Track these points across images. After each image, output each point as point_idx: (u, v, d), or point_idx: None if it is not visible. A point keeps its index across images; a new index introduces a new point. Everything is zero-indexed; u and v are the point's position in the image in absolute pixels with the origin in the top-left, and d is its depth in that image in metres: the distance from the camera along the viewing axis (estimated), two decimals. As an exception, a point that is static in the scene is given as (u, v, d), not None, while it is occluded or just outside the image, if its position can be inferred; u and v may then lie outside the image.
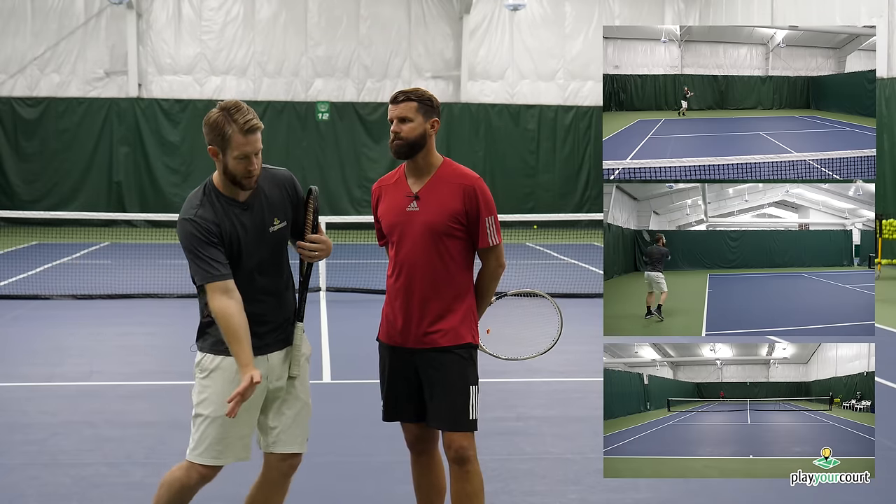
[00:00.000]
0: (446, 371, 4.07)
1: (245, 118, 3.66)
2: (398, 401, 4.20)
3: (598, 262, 16.07)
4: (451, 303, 4.10)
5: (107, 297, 12.53)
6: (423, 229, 4.06)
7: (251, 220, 3.82)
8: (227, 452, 3.85)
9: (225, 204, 3.79)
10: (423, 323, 4.09)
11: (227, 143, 3.67)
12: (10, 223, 22.53)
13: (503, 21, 25.27)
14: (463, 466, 4.06)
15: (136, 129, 24.11)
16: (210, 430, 3.81)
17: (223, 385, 3.80)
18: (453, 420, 4.06)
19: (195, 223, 3.72)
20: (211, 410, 3.81)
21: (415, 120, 4.05)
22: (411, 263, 4.09)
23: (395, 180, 4.22)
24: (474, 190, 4.07)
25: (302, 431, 3.97)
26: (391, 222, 4.16)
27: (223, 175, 3.77)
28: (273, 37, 24.60)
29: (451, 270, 4.09)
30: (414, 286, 4.09)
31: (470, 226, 4.09)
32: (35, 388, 7.69)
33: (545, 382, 7.78)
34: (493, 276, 4.22)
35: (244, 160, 3.69)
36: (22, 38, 23.99)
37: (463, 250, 4.12)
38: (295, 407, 3.95)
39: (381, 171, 24.52)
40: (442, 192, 4.08)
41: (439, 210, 4.06)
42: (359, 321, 11.09)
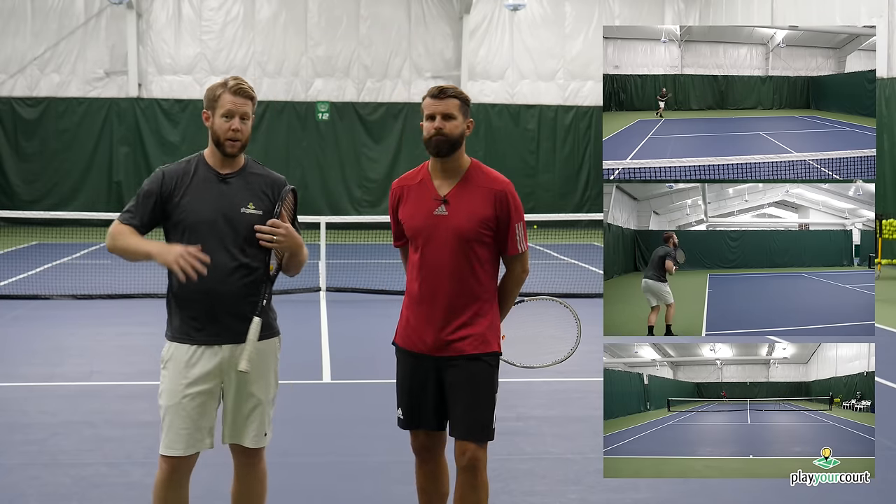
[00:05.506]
0: (475, 380, 3.99)
1: (236, 81, 3.88)
2: (420, 409, 4.08)
3: (598, 262, 16.07)
4: (479, 309, 4.01)
5: (107, 297, 12.53)
6: (452, 234, 3.95)
7: (225, 193, 3.86)
8: (188, 442, 3.87)
9: (204, 171, 3.90)
10: (448, 329, 3.98)
11: (216, 103, 3.86)
12: (10, 223, 22.53)
13: (503, 21, 25.27)
14: (474, 475, 4.02)
15: (136, 129, 24.11)
16: (168, 421, 3.87)
17: (175, 374, 3.86)
18: (476, 432, 4.00)
19: (158, 173, 3.93)
20: (166, 400, 3.88)
21: (457, 118, 3.96)
22: (438, 268, 3.98)
23: (418, 181, 4.10)
24: (506, 195, 3.98)
25: (256, 427, 3.95)
26: (416, 226, 4.03)
27: (210, 140, 3.92)
28: (273, 37, 24.60)
29: (479, 276, 4.00)
30: (440, 292, 3.98)
31: (499, 232, 4.00)
32: (35, 388, 7.69)
33: (545, 382, 7.78)
34: (517, 282, 4.14)
35: (229, 119, 3.82)
36: (22, 38, 23.99)
37: (490, 256, 4.03)
38: (249, 403, 3.93)
39: (381, 170, 24.54)
40: (472, 196, 3.98)
41: (469, 215, 3.95)
42: (359, 321, 11.09)
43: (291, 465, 5.74)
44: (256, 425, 3.96)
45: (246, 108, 3.85)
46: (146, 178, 3.97)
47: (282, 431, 6.40)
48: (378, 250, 19.57)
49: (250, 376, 3.89)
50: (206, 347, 3.86)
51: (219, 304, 3.84)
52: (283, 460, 5.81)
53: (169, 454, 3.88)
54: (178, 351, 3.88)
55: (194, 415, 3.85)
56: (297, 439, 6.28)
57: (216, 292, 3.82)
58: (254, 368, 3.88)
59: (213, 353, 3.85)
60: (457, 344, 3.98)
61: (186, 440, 3.86)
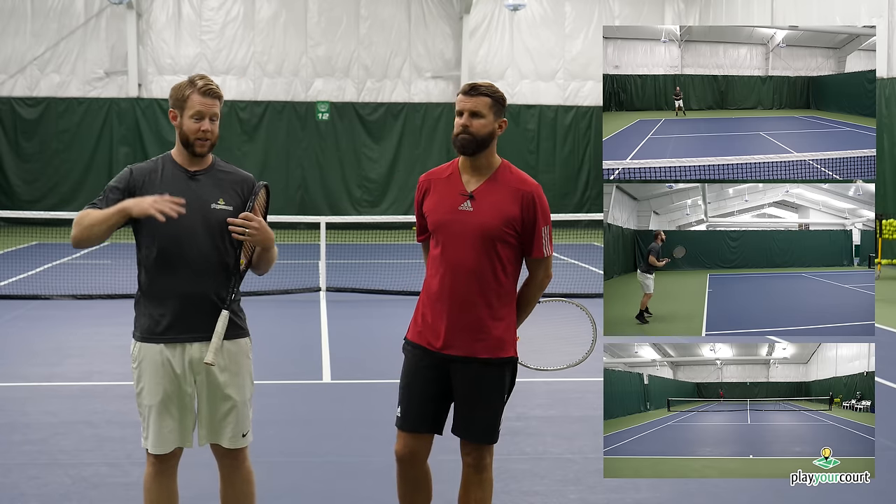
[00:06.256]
0: (484, 385, 3.94)
1: (205, 81, 3.87)
2: (420, 408, 4.01)
3: (598, 262, 16.07)
4: (497, 311, 3.93)
5: (107, 297, 12.53)
6: (476, 231, 3.89)
7: (195, 190, 3.86)
8: (170, 439, 3.91)
9: (172, 169, 3.91)
10: (464, 329, 3.92)
11: (184, 103, 3.84)
12: (10, 223, 22.53)
13: (503, 21, 25.26)
14: (480, 474, 4.02)
15: (136, 129, 24.10)
16: (149, 419, 3.91)
17: (152, 372, 3.87)
18: (483, 434, 3.98)
19: (126, 170, 3.94)
20: (145, 399, 3.90)
21: (486, 117, 3.89)
22: (458, 265, 3.91)
23: (447, 175, 4.04)
24: (533, 197, 3.91)
25: (233, 429, 3.94)
26: (439, 220, 3.97)
27: (178, 139, 3.91)
28: (273, 37, 24.60)
29: (500, 278, 3.93)
30: (459, 290, 3.91)
31: (524, 234, 3.93)
32: (35, 388, 7.69)
33: (545, 382, 7.78)
34: (540, 286, 4.07)
35: (199, 120, 3.82)
36: (22, 38, 23.98)
37: (513, 258, 3.96)
38: (225, 405, 3.93)
39: (381, 170, 24.54)
40: (499, 194, 3.91)
41: (495, 213, 3.89)
42: (359, 321, 11.09)
43: (291, 465, 5.74)
44: (233, 426, 3.95)
45: (215, 108, 3.87)
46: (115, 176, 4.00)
47: (282, 431, 6.42)
48: (378, 250, 19.57)
49: (224, 378, 3.90)
50: (178, 345, 3.87)
51: (189, 301, 3.84)
52: (283, 460, 5.81)
53: (154, 452, 3.92)
54: (150, 351, 3.88)
55: (174, 412, 3.89)
56: (297, 439, 6.28)
57: (188, 289, 3.83)
58: (226, 369, 3.90)
59: (184, 350, 3.87)
60: (472, 346, 3.93)
61: (168, 437, 3.91)
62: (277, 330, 10.43)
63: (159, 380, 3.86)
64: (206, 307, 3.86)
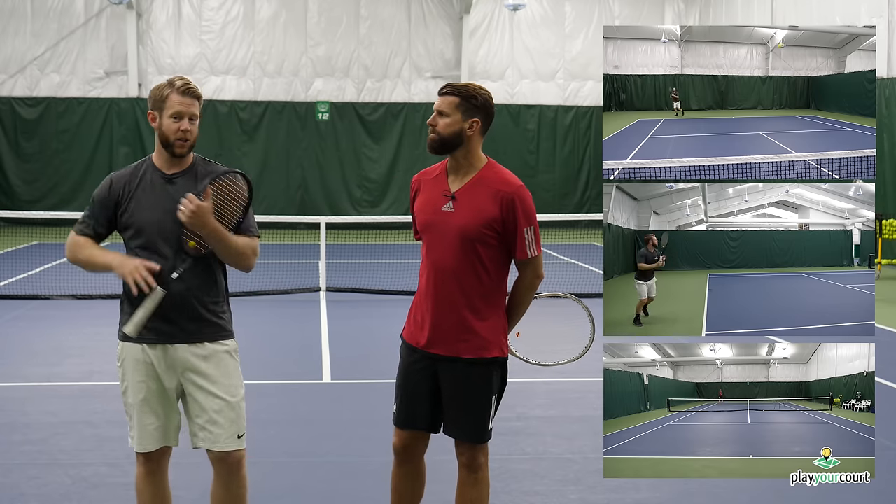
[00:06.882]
0: (470, 385, 3.95)
1: (183, 81, 3.88)
2: (415, 407, 4.03)
3: (598, 262, 16.07)
4: (480, 312, 3.92)
5: (107, 297, 12.52)
6: (456, 233, 3.88)
7: (171, 193, 3.85)
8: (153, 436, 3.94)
9: (151, 173, 3.92)
10: (449, 329, 3.92)
11: (163, 104, 3.85)
12: (10, 223, 22.53)
13: (503, 21, 25.26)
14: (474, 473, 4.02)
15: (136, 129, 24.08)
16: (135, 419, 3.95)
17: (134, 370, 3.92)
18: (472, 433, 3.99)
19: (106, 180, 3.97)
20: (129, 398, 3.95)
21: (451, 116, 3.87)
22: (441, 266, 3.92)
23: (435, 175, 4.04)
24: (513, 198, 3.88)
25: (227, 430, 3.92)
26: (425, 220, 3.99)
27: (158, 140, 3.91)
28: (273, 37, 24.59)
29: (483, 279, 3.91)
30: (442, 290, 3.92)
31: (506, 235, 3.90)
32: (35, 388, 7.69)
33: (545, 382, 7.78)
34: (529, 287, 4.04)
35: (178, 120, 3.82)
36: (22, 38, 23.98)
37: (496, 259, 3.94)
38: (214, 404, 3.91)
39: (381, 170, 24.54)
40: (480, 195, 3.90)
41: (474, 215, 3.87)
42: (359, 321, 11.09)
43: (292, 465, 5.74)
44: (226, 427, 3.92)
45: (194, 108, 3.86)
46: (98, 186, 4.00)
47: (282, 431, 6.42)
48: (378, 250, 19.57)
49: (211, 379, 3.89)
50: (160, 346, 3.88)
51: (169, 304, 3.83)
52: (283, 460, 5.81)
53: (140, 450, 3.96)
54: (132, 350, 3.92)
55: (158, 409, 3.93)
56: (297, 439, 6.28)
57: (172, 298, 3.82)
58: (214, 370, 3.89)
59: (165, 351, 3.88)
60: (456, 346, 3.93)
61: (153, 434, 3.94)
62: (277, 330, 10.44)
63: (141, 378, 3.90)
64: (186, 310, 3.86)
